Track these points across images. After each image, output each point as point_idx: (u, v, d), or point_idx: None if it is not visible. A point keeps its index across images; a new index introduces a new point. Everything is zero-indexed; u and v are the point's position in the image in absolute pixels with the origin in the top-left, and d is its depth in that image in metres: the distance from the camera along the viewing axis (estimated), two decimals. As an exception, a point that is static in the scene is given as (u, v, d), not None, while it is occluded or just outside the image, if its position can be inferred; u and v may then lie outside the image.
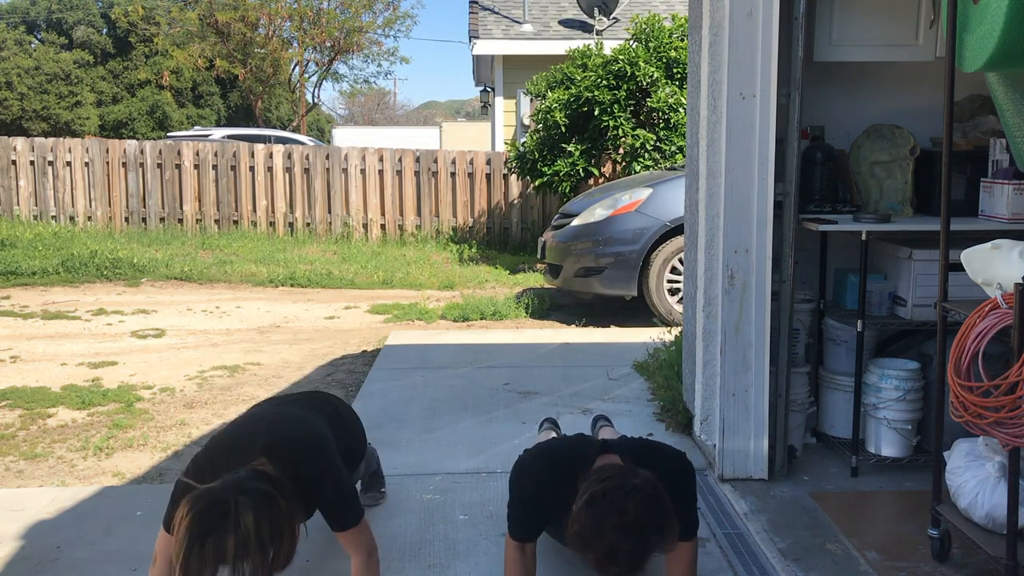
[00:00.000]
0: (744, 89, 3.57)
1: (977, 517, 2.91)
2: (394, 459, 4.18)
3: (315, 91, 28.79)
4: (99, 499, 3.83)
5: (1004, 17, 2.68)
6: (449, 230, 12.80)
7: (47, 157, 12.90)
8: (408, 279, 10.08)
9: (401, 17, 26.08)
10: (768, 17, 3.54)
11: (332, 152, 13.07)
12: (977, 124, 4.08)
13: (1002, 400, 2.58)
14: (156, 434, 4.85)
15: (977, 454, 3.00)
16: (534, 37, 14.60)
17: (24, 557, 3.25)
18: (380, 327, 7.63)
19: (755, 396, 3.71)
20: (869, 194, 4.01)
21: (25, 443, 4.71)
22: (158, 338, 7.16)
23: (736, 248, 3.64)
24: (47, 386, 5.69)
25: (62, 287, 9.51)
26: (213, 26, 24.01)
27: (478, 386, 5.42)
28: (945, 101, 2.98)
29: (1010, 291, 2.61)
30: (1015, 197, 3.58)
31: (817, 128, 4.09)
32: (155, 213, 12.93)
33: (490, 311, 8.00)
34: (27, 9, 32.10)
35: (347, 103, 47.10)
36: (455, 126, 29.40)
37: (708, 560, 3.15)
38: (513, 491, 2.79)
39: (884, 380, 3.81)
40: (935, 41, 3.83)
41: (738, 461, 3.75)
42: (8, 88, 28.93)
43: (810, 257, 4.08)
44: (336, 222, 12.81)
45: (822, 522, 3.39)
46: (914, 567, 3.03)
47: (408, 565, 3.14)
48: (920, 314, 3.79)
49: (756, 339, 3.69)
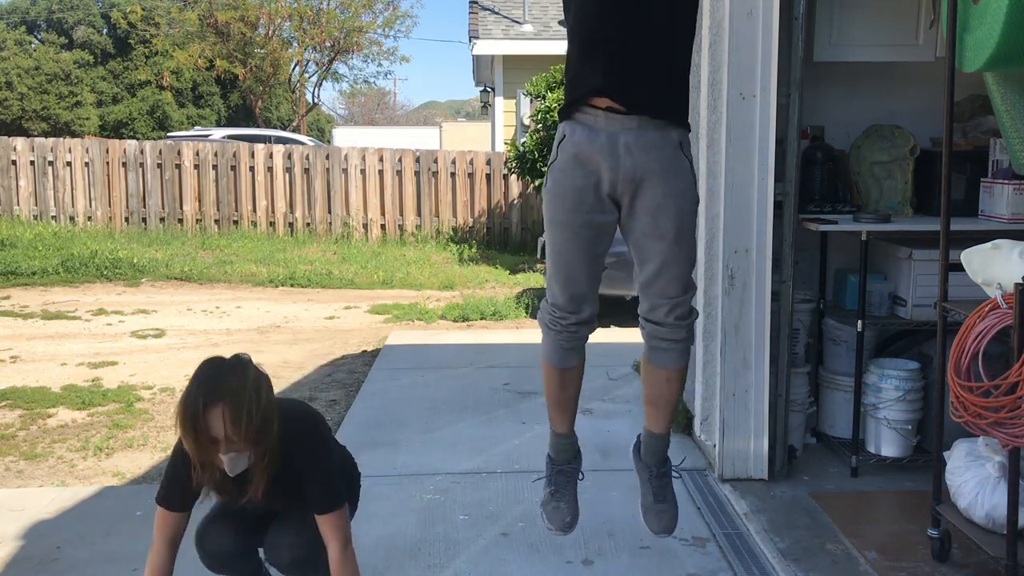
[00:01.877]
0: (744, 89, 3.57)
1: (977, 517, 2.91)
2: (394, 459, 4.18)
3: (315, 91, 28.77)
4: (99, 499, 3.83)
5: (1004, 17, 2.68)
6: (449, 230, 12.80)
7: (47, 157, 12.89)
8: (408, 279, 10.08)
9: (401, 17, 26.07)
10: (768, 17, 3.54)
11: (332, 152, 13.06)
12: (977, 124, 4.08)
13: (1002, 400, 2.58)
14: (156, 434, 4.85)
15: (977, 454, 3.00)
16: (534, 37, 14.59)
17: (24, 557, 3.25)
18: (380, 327, 7.63)
19: (755, 396, 3.71)
20: (869, 194, 4.01)
21: (25, 443, 4.71)
22: (158, 338, 7.16)
23: (736, 248, 3.64)
24: (47, 386, 5.69)
25: (62, 287, 9.51)
26: (213, 26, 24.01)
27: (478, 386, 5.42)
28: (945, 101, 2.98)
29: (1010, 291, 2.61)
30: (1015, 197, 3.59)
31: (817, 128, 4.09)
32: (155, 213, 12.92)
33: (490, 311, 8.00)
34: (27, 9, 32.09)
35: (347, 103, 47.10)
36: (455, 126, 29.39)
37: (708, 560, 3.15)
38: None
39: (884, 380, 3.81)
40: (935, 41, 3.83)
41: (738, 461, 3.75)
42: (8, 88, 28.90)
43: (810, 257, 4.08)
44: (336, 222, 12.81)
45: (822, 522, 3.39)
46: (914, 567, 3.03)
47: (408, 565, 3.14)
48: (920, 314, 3.79)
49: (756, 339, 3.69)
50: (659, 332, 2.58)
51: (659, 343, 2.60)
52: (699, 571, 3.08)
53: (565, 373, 2.72)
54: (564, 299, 2.61)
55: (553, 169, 2.59)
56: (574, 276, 2.59)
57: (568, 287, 2.60)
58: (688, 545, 3.24)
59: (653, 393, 2.70)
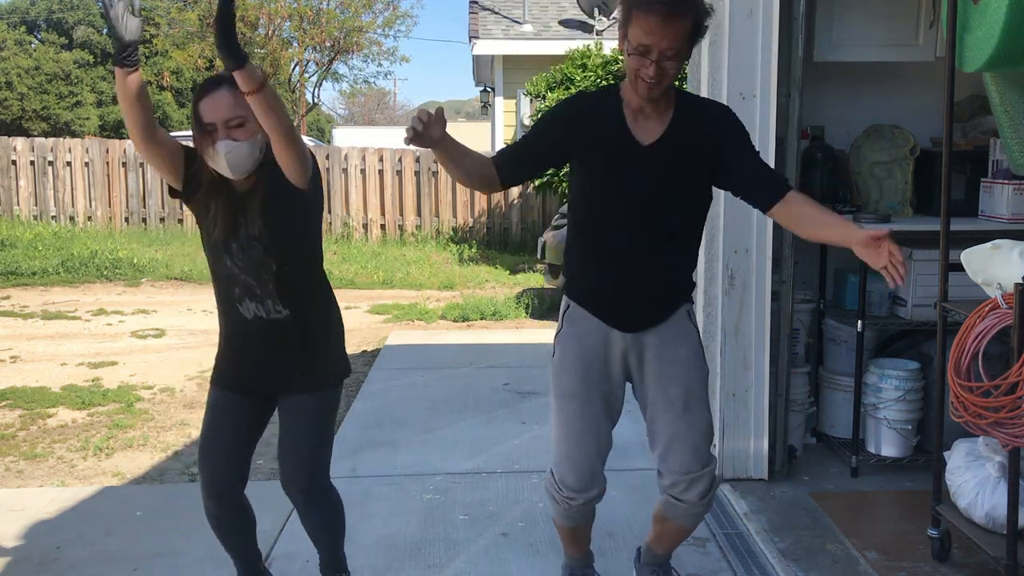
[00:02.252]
0: (744, 89, 3.57)
1: (977, 517, 2.91)
2: (394, 459, 4.18)
3: (315, 91, 28.72)
4: (99, 499, 3.83)
5: (1004, 17, 2.68)
6: (449, 230, 12.80)
7: (47, 157, 12.89)
8: (408, 279, 10.08)
9: (401, 17, 26.05)
10: (768, 17, 3.54)
11: (332, 152, 13.06)
12: (977, 124, 4.08)
13: (1002, 400, 2.58)
14: (156, 434, 4.85)
15: (977, 454, 3.00)
16: (534, 37, 14.58)
17: (24, 557, 3.25)
18: (380, 327, 7.63)
19: (755, 396, 3.71)
20: (869, 194, 4.01)
21: (25, 443, 4.71)
22: (158, 338, 7.16)
23: (736, 248, 3.64)
24: (47, 386, 5.69)
25: (62, 287, 9.51)
26: (213, 26, 24.01)
27: (478, 386, 5.42)
28: (945, 101, 2.98)
29: (1010, 291, 2.61)
30: (1015, 197, 3.59)
31: (817, 128, 4.09)
32: (155, 213, 12.92)
33: (490, 311, 8.00)
34: (27, 9, 32.09)
35: (347, 103, 47.06)
36: (455, 126, 29.36)
37: (708, 560, 3.15)
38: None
39: (884, 380, 3.81)
40: (935, 41, 3.83)
41: (738, 461, 3.75)
42: (8, 88, 28.90)
43: (810, 257, 4.08)
44: (336, 222, 12.80)
45: (822, 522, 3.39)
46: (914, 567, 3.03)
47: (408, 565, 3.14)
48: (920, 314, 3.79)
49: (756, 339, 3.69)
50: (679, 504, 2.55)
51: (676, 504, 2.56)
52: (699, 571, 3.08)
53: (576, 529, 2.78)
54: (573, 478, 2.57)
55: (560, 339, 2.59)
56: (582, 454, 2.55)
57: (577, 464, 2.56)
58: (688, 545, 3.24)
59: (662, 533, 2.74)
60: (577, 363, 2.52)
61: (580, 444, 2.54)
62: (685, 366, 2.52)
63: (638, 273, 2.47)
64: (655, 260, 2.48)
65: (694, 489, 2.50)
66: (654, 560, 2.85)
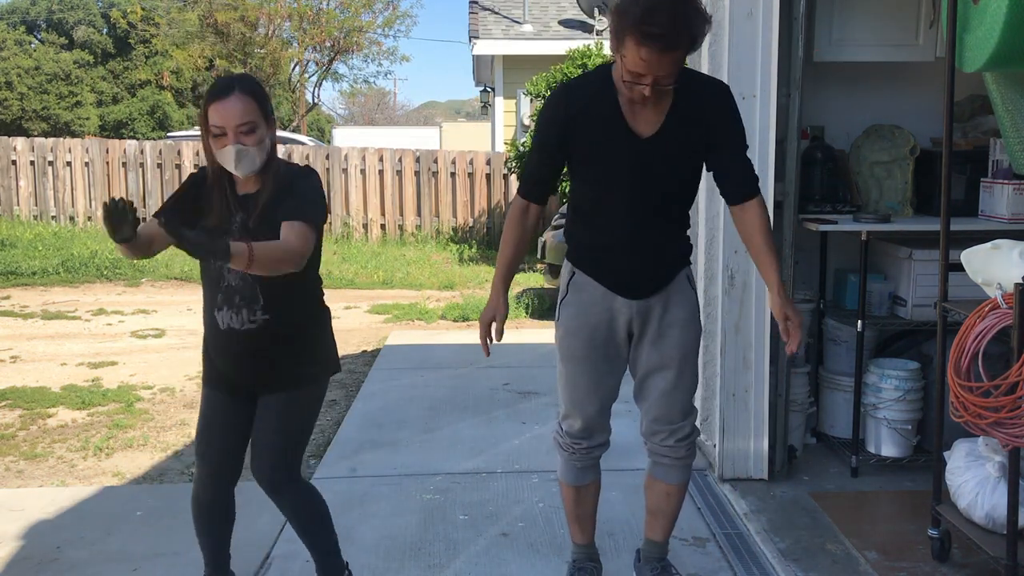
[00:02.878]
0: (744, 89, 3.56)
1: (977, 517, 2.91)
2: (394, 459, 4.18)
3: (315, 91, 28.74)
4: (99, 499, 3.83)
5: (1004, 17, 2.68)
6: (449, 230, 12.80)
7: (47, 157, 12.89)
8: (408, 279, 10.08)
9: (401, 17, 26.04)
10: (768, 17, 3.54)
11: (332, 152, 13.06)
12: (977, 124, 4.08)
13: (1002, 400, 2.58)
14: (156, 434, 4.85)
15: (977, 454, 3.00)
16: (534, 37, 14.58)
17: (24, 557, 3.25)
18: (380, 327, 7.63)
19: (755, 396, 3.71)
20: (869, 194, 4.01)
21: (25, 443, 4.71)
22: (158, 338, 7.16)
23: (736, 248, 3.64)
24: (47, 386, 5.69)
25: (62, 287, 9.50)
26: (212, 26, 23.99)
27: (478, 386, 5.41)
28: (945, 101, 2.98)
29: (1010, 291, 2.61)
30: (1015, 197, 3.59)
31: (817, 128, 4.09)
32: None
33: (490, 311, 7.99)
34: (27, 9, 32.07)
35: (347, 103, 47.05)
36: (455, 126, 29.35)
37: (708, 560, 3.15)
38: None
39: (884, 380, 3.81)
40: (935, 41, 3.83)
41: (738, 461, 3.75)
42: (8, 88, 28.89)
43: (810, 257, 4.08)
44: (336, 222, 12.80)
45: (822, 522, 3.39)
46: (914, 567, 3.03)
47: (408, 565, 3.14)
48: (920, 314, 3.79)
49: (756, 339, 3.69)
50: (660, 451, 2.73)
51: (660, 459, 2.75)
52: (699, 571, 3.08)
53: (581, 490, 2.84)
54: (579, 427, 2.73)
55: (565, 305, 2.70)
56: (589, 406, 2.71)
57: (583, 417, 2.71)
58: (688, 545, 3.24)
59: (654, 505, 2.85)
60: (583, 329, 2.65)
61: (587, 397, 2.69)
62: (683, 327, 2.65)
63: (640, 247, 2.58)
64: (656, 234, 2.60)
65: (675, 435, 2.69)
66: (653, 553, 2.88)
